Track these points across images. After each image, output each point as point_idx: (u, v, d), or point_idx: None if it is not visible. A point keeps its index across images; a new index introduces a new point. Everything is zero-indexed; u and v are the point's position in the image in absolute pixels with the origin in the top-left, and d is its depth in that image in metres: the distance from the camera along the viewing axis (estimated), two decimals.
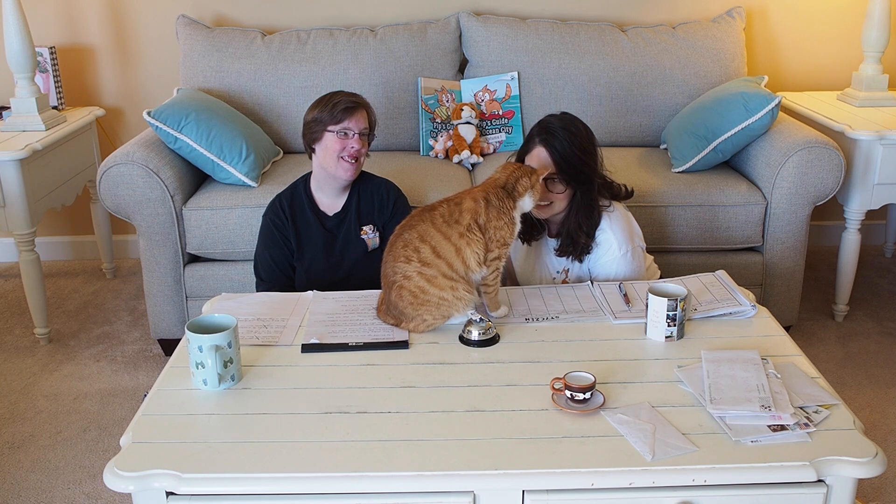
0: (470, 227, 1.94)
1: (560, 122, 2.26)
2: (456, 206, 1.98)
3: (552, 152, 2.22)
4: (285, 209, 2.50)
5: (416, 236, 1.94)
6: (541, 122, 2.29)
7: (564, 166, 2.21)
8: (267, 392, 1.73)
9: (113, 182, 2.81)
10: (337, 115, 2.38)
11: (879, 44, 3.33)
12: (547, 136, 2.23)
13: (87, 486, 2.39)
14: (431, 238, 1.93)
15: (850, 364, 2.99)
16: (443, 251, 1.92)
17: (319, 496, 1.48)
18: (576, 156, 2.21)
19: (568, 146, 2.21)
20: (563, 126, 2.24)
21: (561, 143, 2.21)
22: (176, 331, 2.96)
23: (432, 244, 1.92)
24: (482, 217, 1.96)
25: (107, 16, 3.65)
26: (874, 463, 1.48)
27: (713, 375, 1.71)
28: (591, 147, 2.27)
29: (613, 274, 2.29)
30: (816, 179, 2.88)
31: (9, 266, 3.90)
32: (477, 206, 1.97)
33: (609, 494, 1.49)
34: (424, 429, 1.59)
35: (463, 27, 3.47)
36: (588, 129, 2.29)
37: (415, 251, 1.92)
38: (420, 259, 1.92)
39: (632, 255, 2.30)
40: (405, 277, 1.92)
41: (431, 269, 1.91)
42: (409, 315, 1.95)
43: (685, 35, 3.45)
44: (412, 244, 1.93)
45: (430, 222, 1.95)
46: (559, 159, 2.21)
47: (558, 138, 2.22)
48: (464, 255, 1.93)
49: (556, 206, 2.27)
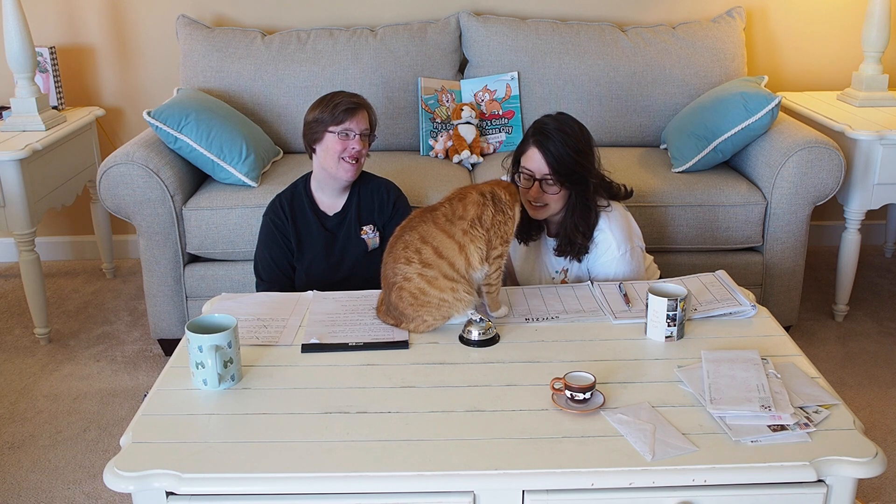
0: (473, 223, 1.94)
1: (555, 122, 2.26)
2: (459, 201, 1.98)
3: (545, 153, 2.22)
4: (285, 209, 2.50)
5: (417, 237, 1.94)
6: (536, 123, 2.29)
7: (558, 167, 2.21)
8: (267, 392, 1.73)
9: (113, 182, 2.81)
10: (338, 115, 2.38)
11: (879, 44, 3.32)
12: (541, 138, 2.23)
13: (87, 486, 2.39)
14: (433, 238, 1.93)
15: (850, 364, 2.99)
16: (445, 251, 1.92)
17: (319, 496, 1.48)
18: (570, 157, 2.21)
19: (562, 147, 2.20)
20: (557, 127, 2.24)
21: (555, 145, 2.21)
22: (176, 331, 2.96)
23: (434, 244, 1.92)
24: (489, 210, 1.97)
25: (107, 16, 3.65)
26: (874, 463, 1.48)
27: (713, 375, 1.71)
28: (586, 147, 2.26)
29: (612, 274, 2.29)
30: (816, 179, 2.88)
31: (9, 266, 3.90)
32: (483, 199, 1.98)
33: (609, 494, 1.49)
34: (424, 429, 1.59)
35: (463, 27, 3.47)
36: (584, 129, 2.29)
37: (416, 252, 1.92)
38: (421, 260, 1.91)
39: (630, 255, 2.30)
40: (405, 279, 1.92)
41: (432, 271, 1.91)
42: (410, 316, 1.95)
43: (685, 35, 3.45)
44: (413, 245, 1.93)
45: (432, 222, 1.95)
46: (552, 161, 2.21)
47: (552, 139, 2.21)
48: (467, 252, 1.93)
49: (552, 208, 2.27)
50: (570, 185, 2.24)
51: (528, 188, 2.24)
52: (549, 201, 2.25)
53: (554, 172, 2.21)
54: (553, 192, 2.24)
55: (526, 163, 2.25)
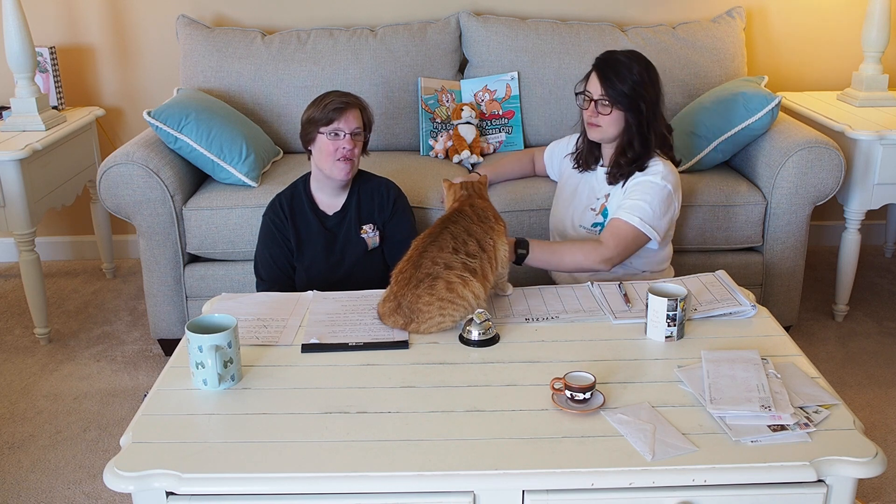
0: (496, 220, 2.11)
1: (622, 55, 2.41)
2: (471, 206, 2.11)
3: (602, 77, 2.36)
4: (285, 209, 2.50)
5: (463, 230, 2.03)
6: (606, 52, 2.44)
7: (611, 91, 2.35)
8: (267, 392, 1.73)
9: (113, 182, 2.81)
10: (327, 115, 2.38)
11: (879, 44, 3.32)
12: (602, 64, 2.40)
13: (87, 486, 2.39)
14: (475, 232, 2.04)
15: (850, 364, 2.99)
16: (485, 245, 2.03)
17: (319, 496, 1.48)
18: (626, 83, 2.34)
19: (619, 74, 2.35)
20: (620, 57, 2.39)
21: (614, 71, 2.36)
22: (176, 331, 2.96)
23: (477, 237, 2.03)
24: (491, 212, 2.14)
25: (107, 16, 3.65)
26: (874, 463, 1.48)
27: (713, 375, 1.71)
28: (645, 79, 2.37)
29: (636, 196, 2.33)
30: (816, 179, 2.88)
31: (9, 266, 3.90)
32: (486, 203, 2.15)
33: (609, 494, 1.49)
34: (424, 429, 1.59)
35: (463, 27, 3.47)
36: (650, 66, 2.41)
37: (463, 243, 2.00)
38: (467, 251, 1.99)
39: (665, 195, 2.34)
40: (448, 268, 1.95)
41: (475, 262, 1.98)
42: (427, 315, 1.94)
43: (685, 35, 3.45)
44: (461, 237, 2.01)
45: (469, 219, 2.07)
46: (607, 84, 2.35)
47: (612, 66, 2.37)
48: (497, 252, 2.06)
49: (606, 130, 2.40)
50: (623, 109, 2.35)
51: (586, 108, 2.41)
52: (603, 123, 2.38)
53: (607, 95, 2.35)
54: (606, 112, 2.37)
55: (587, 85, 2.42)
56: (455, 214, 2.09)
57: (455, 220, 2.07)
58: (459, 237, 2.01)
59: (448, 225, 2.05)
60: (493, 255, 2.04)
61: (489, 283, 2.01)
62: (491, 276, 2.02)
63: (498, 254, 2.05)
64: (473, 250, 1.99)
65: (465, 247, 1.99)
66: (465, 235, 2.02)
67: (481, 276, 1.97)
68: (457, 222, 2.05)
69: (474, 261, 1.97)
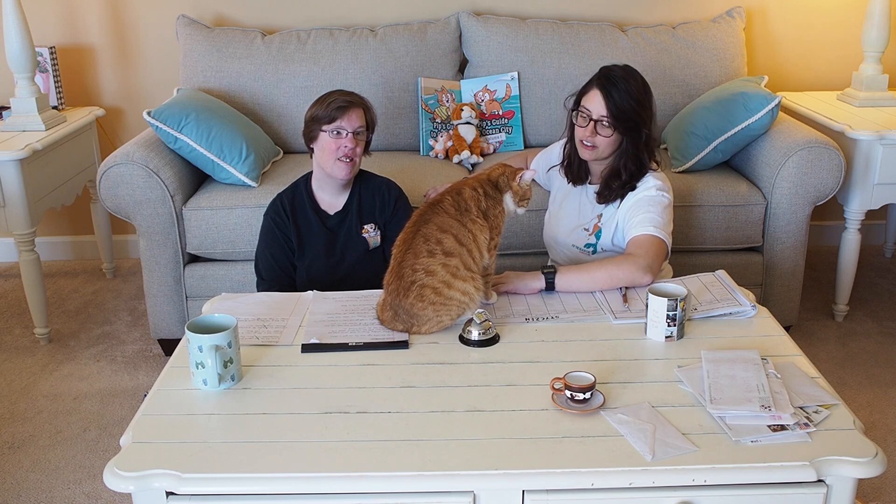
0: (478, 214, 2.01)
1: (622, 71, 2.36)
2: (458, 195, 2.03)
3: (606, 96, 2.31)
4: (286, 208, 2.50)
5: (436, 228, 1.96)
6: (603, 69, 2.39)
7: (616, 112, 2.30)
8: (267, 392, 1.73)
9: (113, 182, 2.81)
10: (330, 113, 2.38)
11: (879, 44, 3.33)
12: (605, 81, 2.33)
13: (87, 486, 2.39)
14: (451, 227, 1.96)
15: (850, 364, 2.99)
16: (463, 238, 1.96)
17: (319, 496, 1.48)
18: (629, 104, 2.30)
19: (623, 94, 2.30)
20: (623, 75, 2.34)
21: (617, 91, 2.31)
22: (176, 331, 2.96)
23: (453, 232, 1.96)
24: (483, 204, 2.03)
25: (107, 16, 3.65)
26: (874, 463, 1.48)
27: (713, 375, 1.71)
28: (645, 100, 2.35)
29: (641, 214, 2.30)
30: (816, 179, 2.88)
31: (9, 266, 3.90)
32: (476, 194, 2.04)
33: (609, 494, 1.49)
34: (424, 429, 1.59)
35: (463, 27, 3.47)
36: (647, 84, 2.39)
37: (437, 243, 1.93)
38: (443, 250, 1.93)
39: (666, 204, 2.33)
40: (428, 273, 1.91)
41: (454, 259, 1.93)
42: (425, 318, 1.94)
43: (685, 35, 3.45)
44: (433, 237, 1.94)
45: (444, 213, 1.99)
46: (612, 105, 2.30)
47: (616, 85, 2.31)
48: (478, 242, 1.98)
49: (601, 150, 2.35)
50: (623, 131, 2.32)
51: (584, 127, 2.34)
52: (600, 144, 2.33)
53: (611, 115, 2.30)
54: (606, 134, 2.32)
55: (586, 102, 2.34)
56: (429, 211, 2.01)
57: (428, 218, 1.98)
58: (432, 237, 1.94)
59: (420, 227, 1.97)
60: (474, 245, 1.97)
61: (477, 273, 1.96)
62: (476, 266, 1.96)
63: (478, 243, 1.98)
64: (450, 247, 1.94)
65: (440, 246, 1.93)
66: (439, 233, 1.95)
67: (465, 272, 1.94)
68: (429, 221, 1.97)
69: (453, 259, 1.93)
